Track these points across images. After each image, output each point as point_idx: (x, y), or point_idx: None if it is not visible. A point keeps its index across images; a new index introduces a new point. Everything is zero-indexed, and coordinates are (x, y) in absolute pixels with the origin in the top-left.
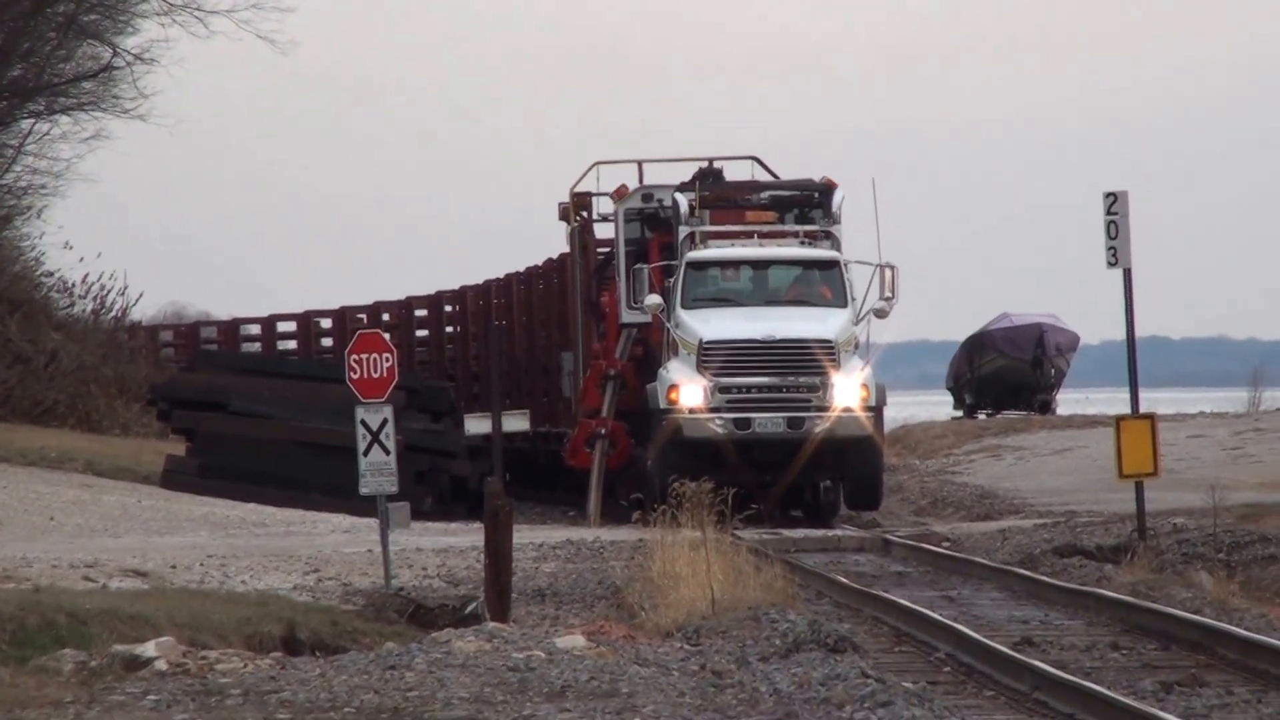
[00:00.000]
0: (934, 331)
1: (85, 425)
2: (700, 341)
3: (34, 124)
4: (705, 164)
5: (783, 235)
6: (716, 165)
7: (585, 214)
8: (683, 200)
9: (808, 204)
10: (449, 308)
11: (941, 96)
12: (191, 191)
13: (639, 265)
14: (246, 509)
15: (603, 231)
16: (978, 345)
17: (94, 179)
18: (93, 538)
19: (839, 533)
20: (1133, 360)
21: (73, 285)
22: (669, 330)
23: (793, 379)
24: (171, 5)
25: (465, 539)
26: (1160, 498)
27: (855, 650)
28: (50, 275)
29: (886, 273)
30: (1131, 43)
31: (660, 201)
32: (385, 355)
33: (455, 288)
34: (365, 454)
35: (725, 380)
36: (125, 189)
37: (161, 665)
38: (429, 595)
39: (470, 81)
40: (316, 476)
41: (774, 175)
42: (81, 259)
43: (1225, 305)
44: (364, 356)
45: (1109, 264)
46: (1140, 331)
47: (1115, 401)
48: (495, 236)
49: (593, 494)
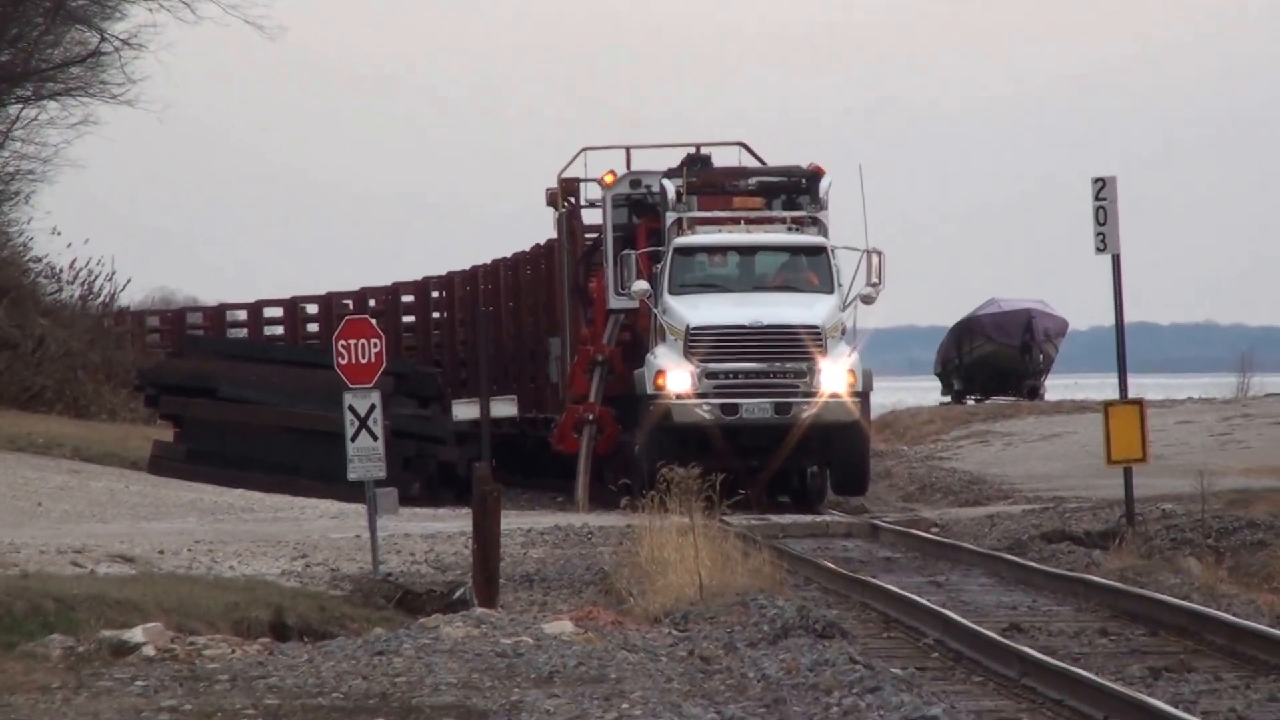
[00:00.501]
0: (922, 317)
1: (73, 411)
2: (687, 327)
3: (21, 109)
4: (693, 150)
5: (770, 221)
6: (704, 151)
7: (573, 200)
8: (670, 186)
9: (795, 190)
10: (436, 294)
11: (930, 81)
12: (179, 178)
13: (626, 251)
14: (234, 494)
15: (590, 217)
16: (966, 331)
17: (82, 165)
18: (80, 523)
19: (827, 518)
20: (1121, 346)
21: (60, 271)
22: (656, 316)
23: (779, 364)
24: None
25: (453, 524)
26: (1149, 484)
27: (843, 636)
28: (38, 261)
29: (873, 258)
30: (1120, 28)
31: (648, 187)
32: (373, 341)
33: (442, 274)
34: (353, 439)
35: (712, 366)
36: (113, 175)
37: (149, 651)
38: (417, 581)
39: (458, 67)
40: (304, 462)
41: (761, 161)
42: (69, 245)
43: (1214, 291)
44: (352, 342)
45: (1097, 249)
46: (1129, 317)
47: (1104, 387)
48: (482, 223)
49: (580, 479)
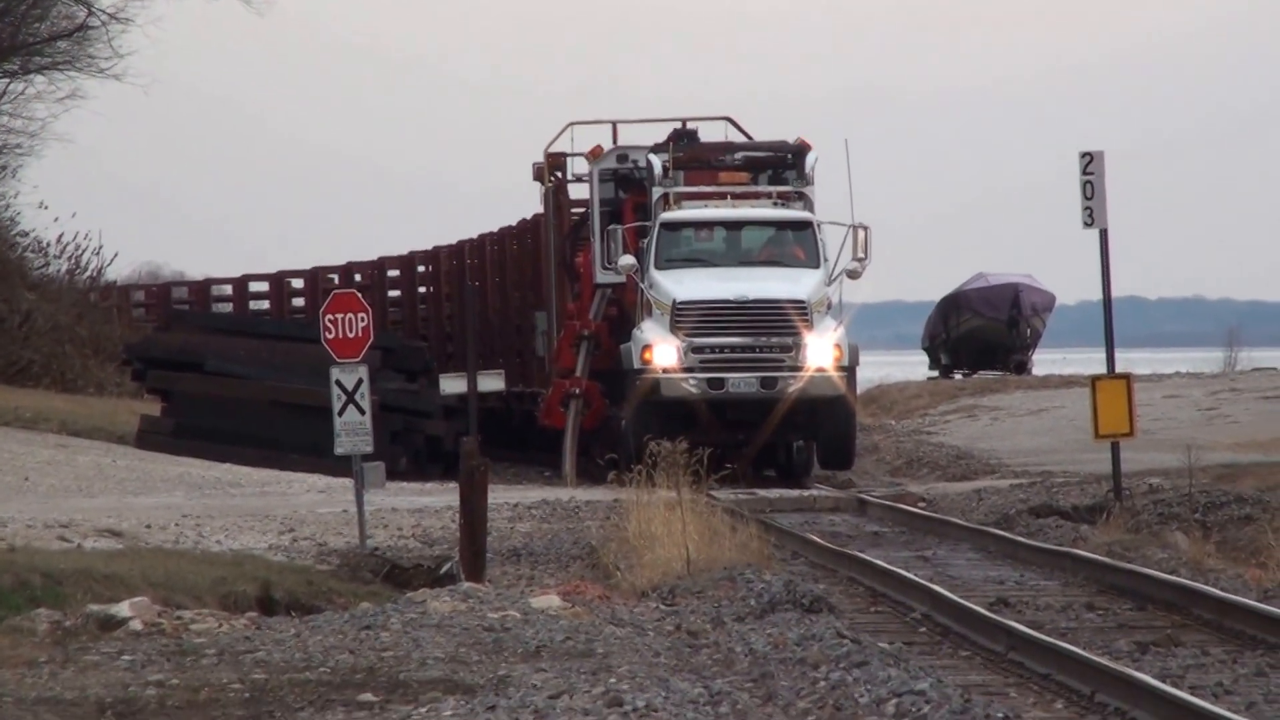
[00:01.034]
0: (910, 292)
1: (60, 385)
2: (674, 302)
3: (9, 84)
4: (679, 125)
5: (756, 196)
6: (691, 126)
7: (560, 174)
8: (657, 161)
9: (781, 165)
10: (422, 268)
11: (922, 64)
12: (167, 152)
13: (613, 226)
14: (221, 469)
15: (577, 192)
16: (953, 305)
17: (69, 139)
18: (68, 498)
19: (814, 493)
20: (1109, 320)
21: (48, 245)
22: (643, 291)
23: (766, 339)
24: None
25: (440, 499)
26: (1136, 458)
27: (831, 611)
28: (25, 235)
29: (859, 233)
30: (1110, 11)
31: (635, 162)
32: (360, 315)
33: (428, 248)
34: (340, 414)
35: (699, 340)
36: (101, 149)
37: (136, 625)
38: (404, 555)
39: (446, 40)
40: (292, 436)
41: (748, 136)
42: (56, 219)
43: (1201, 266)
44: (339, 316)
45: (1085, 224)
46: (1116, 292)
47: (1091, 362)
48: (468, 198)
49: (567, 454)
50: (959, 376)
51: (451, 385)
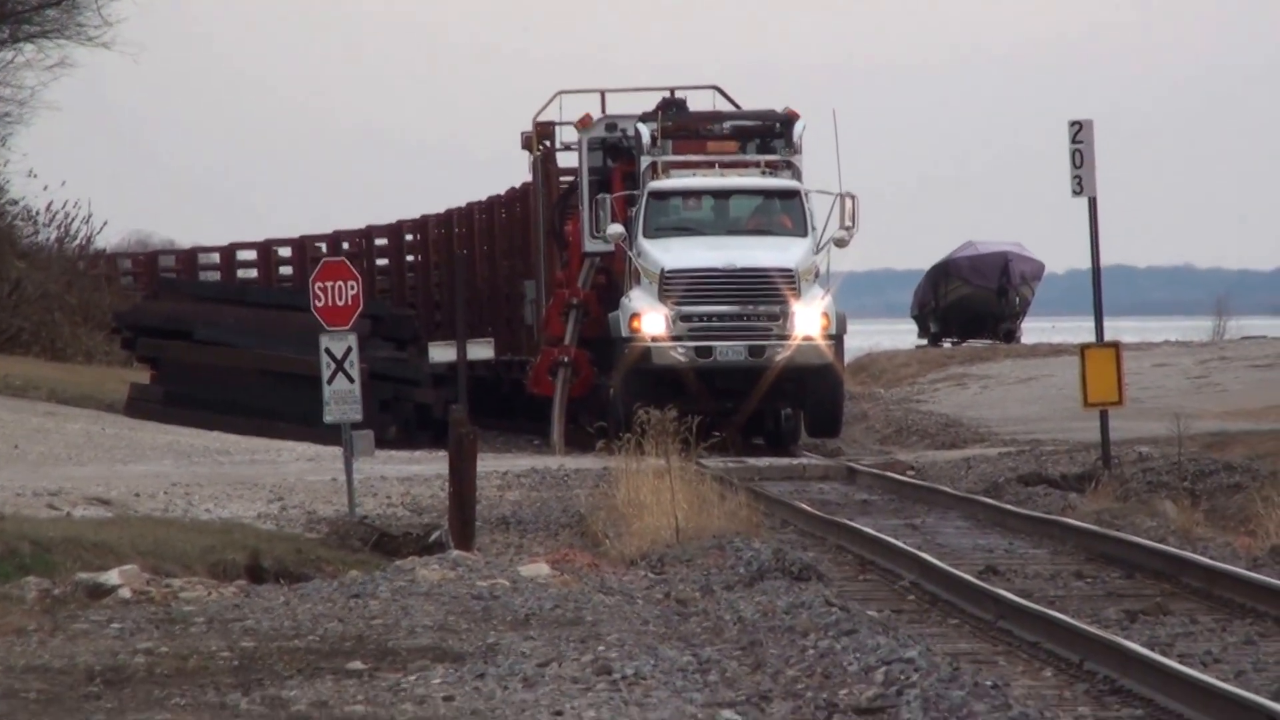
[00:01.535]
0: (899, 260)
1: (50, 353)
2: (662, 270)
3: None
4: (668, 94)
5: (744, 165)
6: (679, 95)
7: (548, 143)
8: (645, 130)
9: (769, 134)
10: (410, 237)
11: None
12: (156, 119)
13: (602, 194)
14: (211, 437)
15: (566, 161)
16: (943, 274)
17: (58, 107)
18: (57, 466)
19: (803, 461)
20: (1098, 289)
21: (37, 214)
22: (631, 259)
23: (753, 308)
24: None
25: (429, 467)
26: (1125, 426)
27: (819, 579)
28: (14, 204)
29: (847, 202)
30: None
31: (623, 131)
32: (350, 283)
33: (416, 216)
34: (329, 382)
35: (687, 309)
36: (90, 117)
37: (125, 593)
38: (393, 523)
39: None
40: (281, 405)
41: (735, 105)
42: (46, 187)
43: (1190, 234)
44: (329, 284)
45: (1074, 192)
46: (1105, 260)
47: (1080, 330)
48: (455, 166)
49: (555, 422)
50: (948, 345)
51: (441, 353)
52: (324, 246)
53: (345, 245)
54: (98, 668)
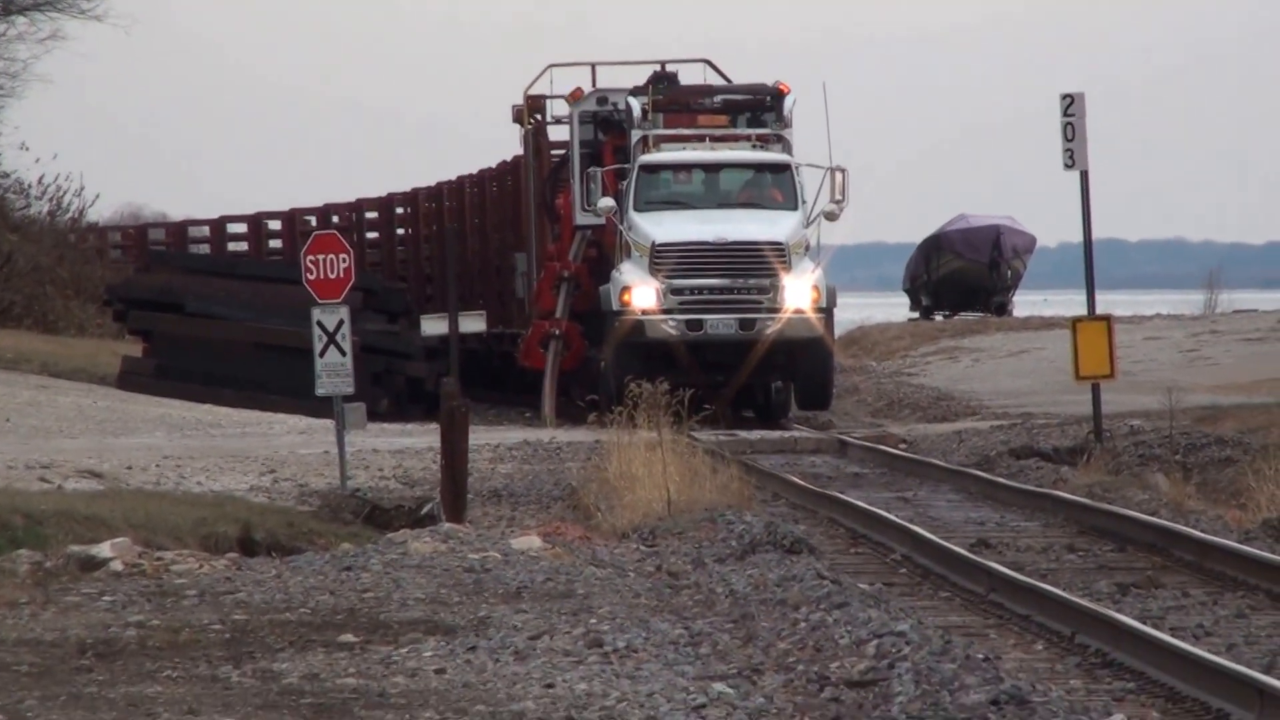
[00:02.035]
0: (892, 233)
1: (41, 326)
2: (652, 244)
3: None
4: (658, 67)
5: (734, 139)
6: (670, 69)
7: (539, 117)
8: (636, 104)
9: (759, 108)
10: (400, 210)
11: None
12: (148, 92)
13: (593, 168)
14: (202, 410)
15: (557, 134)
16: (934, 247)
17: (50, 80)
18: (49, 439)
19: (795, 434)
20: (1089, 262)
21: (29, 186)
22: (622, 233)
23: (744, 281)
24: None
25: (421, 440)
26: (1117, 400)
27: (811, 552)
28: (6, 176)
29: (837, 176)
30: None
31: (614, 105)
32: (342, 256)
33: (406, 190)
34: (321, 355)
35: (677, 282)
36: (82, 90)
37: (117, 566)
38: (385, 496)
39: None
40: (273, 377)
41: (726, 79)
42: (38, 160)
43: (1182, 208)
44: (320, 257)
45: (1066, 166)
46: (1097, 234)
47: (1072, 304)
48: (445, 139)
49: (547, 395)
50: (940, 318)
51: (433, 326)
52: (313, 220)
53: (335, 219)
54: (89, 640)
